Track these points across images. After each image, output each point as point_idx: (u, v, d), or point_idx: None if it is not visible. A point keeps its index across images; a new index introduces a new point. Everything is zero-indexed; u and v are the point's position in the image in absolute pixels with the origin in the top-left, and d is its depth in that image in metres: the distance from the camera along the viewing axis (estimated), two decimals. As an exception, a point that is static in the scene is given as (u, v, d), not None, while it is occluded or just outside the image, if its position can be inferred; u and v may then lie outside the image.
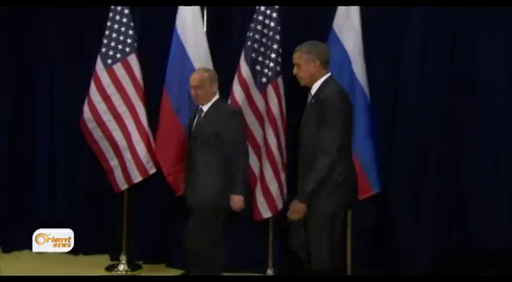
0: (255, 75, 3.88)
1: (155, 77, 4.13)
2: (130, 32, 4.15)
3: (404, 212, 3.98)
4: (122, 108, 4.17)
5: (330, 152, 2.85)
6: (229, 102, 3.91)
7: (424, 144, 3.96)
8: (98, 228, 4.59)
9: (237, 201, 3.34)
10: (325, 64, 3.05)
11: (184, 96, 3.92)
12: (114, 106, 4.17)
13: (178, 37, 4.00)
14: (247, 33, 3.89)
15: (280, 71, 3.85)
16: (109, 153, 4.24)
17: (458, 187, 3.93)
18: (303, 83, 3.11)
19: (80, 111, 4.23)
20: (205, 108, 3.45)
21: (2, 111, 4.79)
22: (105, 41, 4.16)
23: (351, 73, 3.73)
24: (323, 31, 3.92)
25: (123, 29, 4.14)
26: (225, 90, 3.92)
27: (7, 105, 4.79)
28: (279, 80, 3.87)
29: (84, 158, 4.57)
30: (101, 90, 4.16)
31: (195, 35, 3.97)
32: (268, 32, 3.87)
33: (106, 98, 4.16)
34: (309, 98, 3.10)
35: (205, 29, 4.05)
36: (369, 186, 3.78)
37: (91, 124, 4.20)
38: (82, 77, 4.37)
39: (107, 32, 4.16)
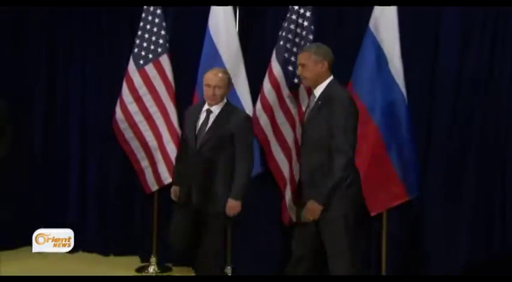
0: (287, 75, 3.83)
1: (187, 78, 4.11)
2: (163, 32, 4.14)
3: (442, 214, 3.86)
4: (153, 109, 4.17)
5: (346, 152, 2.89)
6: (258, 101, 3.88)
7: (463, 146, 3.82)
8: (128, 229, 4.59)
9: (234, 206, 3.28)
10: (331, 66, 3.07)
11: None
12: (145, 107, 4.18)
13: (210, 38, 3.95)
14: (280, 33, 3.85)
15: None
16: (140, 154, 4.25)
17: (498, 188, 3.78)
18: (308, 83, 3.14)
19: (112, 112, 4.25)
20: (215, 109, 3.33)
21: (34, 112, 4.85)
22: (137, 42, 4.17)
23: (388, 73, 3.64)
24: (356, 30, 3.87)
25: (155, 29, 4.14)
26: (257, 90, 3.90)
27: (40, 105, 4.84)
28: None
29: (115, 159, 4.58)
30: (132, 90, 4.18)
31: (227, 35, 3.92)
32: (302, 31, 3.81)
33: (137, 99, 4.18)
34: (312, 99, 3.11)
35: (237, 29, 4.00)
36: (404, 191, 3.68)
37: (122, 125, 4.22)
38: (114, 78, 4.40)
39: (139, 33, 4.17)
